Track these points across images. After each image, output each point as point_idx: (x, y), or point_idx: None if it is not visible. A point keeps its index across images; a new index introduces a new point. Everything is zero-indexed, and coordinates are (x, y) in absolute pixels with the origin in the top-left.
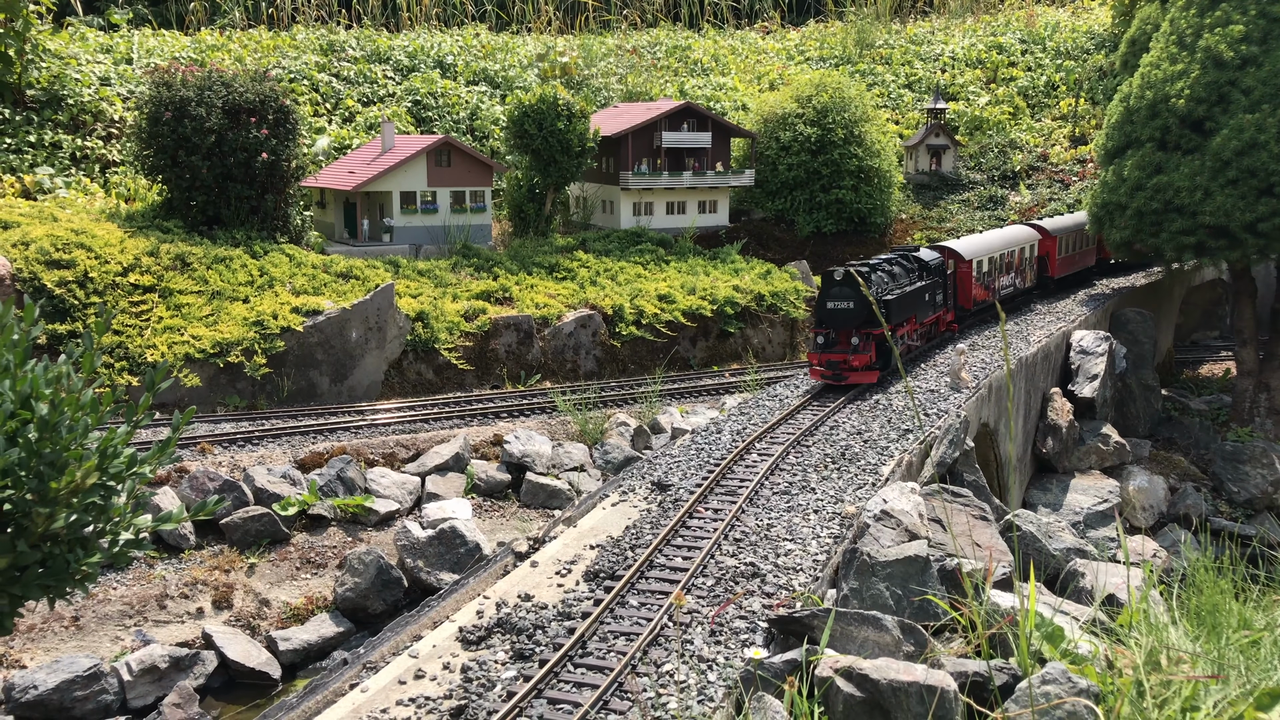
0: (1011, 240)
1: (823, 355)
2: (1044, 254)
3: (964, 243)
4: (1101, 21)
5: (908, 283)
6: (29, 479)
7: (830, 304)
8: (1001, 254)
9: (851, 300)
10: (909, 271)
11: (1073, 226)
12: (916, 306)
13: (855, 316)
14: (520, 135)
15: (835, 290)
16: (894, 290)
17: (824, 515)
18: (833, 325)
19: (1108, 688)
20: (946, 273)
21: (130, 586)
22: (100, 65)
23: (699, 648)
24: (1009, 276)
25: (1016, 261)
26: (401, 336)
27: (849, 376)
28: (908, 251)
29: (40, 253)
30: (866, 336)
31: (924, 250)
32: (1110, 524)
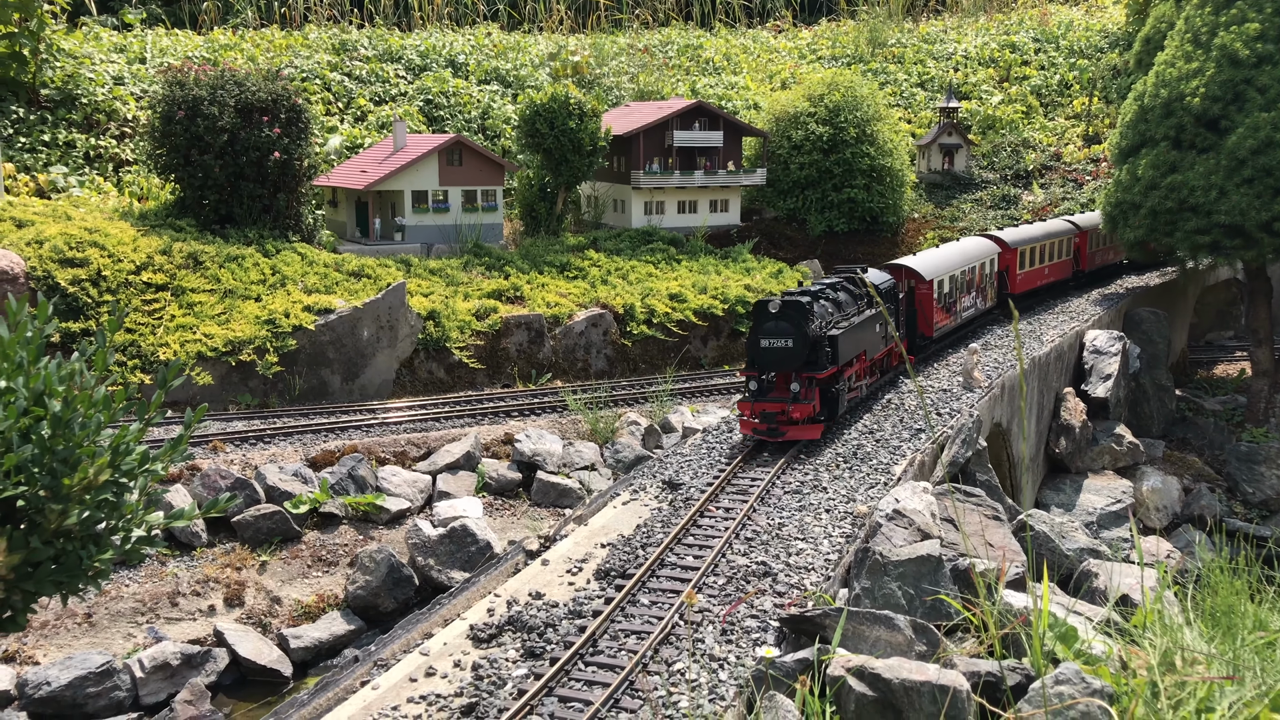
0: (971, 255)
1: (755, 405)
2: (1004, 269)
3: (922, 260)
4: (1115, 20)
5: (855, 312)
6: (42, 475)
7: (765, 341)
8: (963, 271)
9: (791, 337)
10: (857, 298)
11: (1038, 237)
12: (866, 340)
13: (795, 357)
14: (532, 134)
15: (770, 325)
16: (840, 323)
17: (836, 514)
18: (767, 367)
19: (1122, 688)
20: (899, 296)
21: (142, 584)
22: (114, 65)
23: (710, 646)
24: (970, 296)
25: (977, 279)
26: (413, 335)
27: (787, 431)
28: (855, 273)
29: (54, 251)
30: (809, 382)
31: (874, 272)
32: (1123, 525)
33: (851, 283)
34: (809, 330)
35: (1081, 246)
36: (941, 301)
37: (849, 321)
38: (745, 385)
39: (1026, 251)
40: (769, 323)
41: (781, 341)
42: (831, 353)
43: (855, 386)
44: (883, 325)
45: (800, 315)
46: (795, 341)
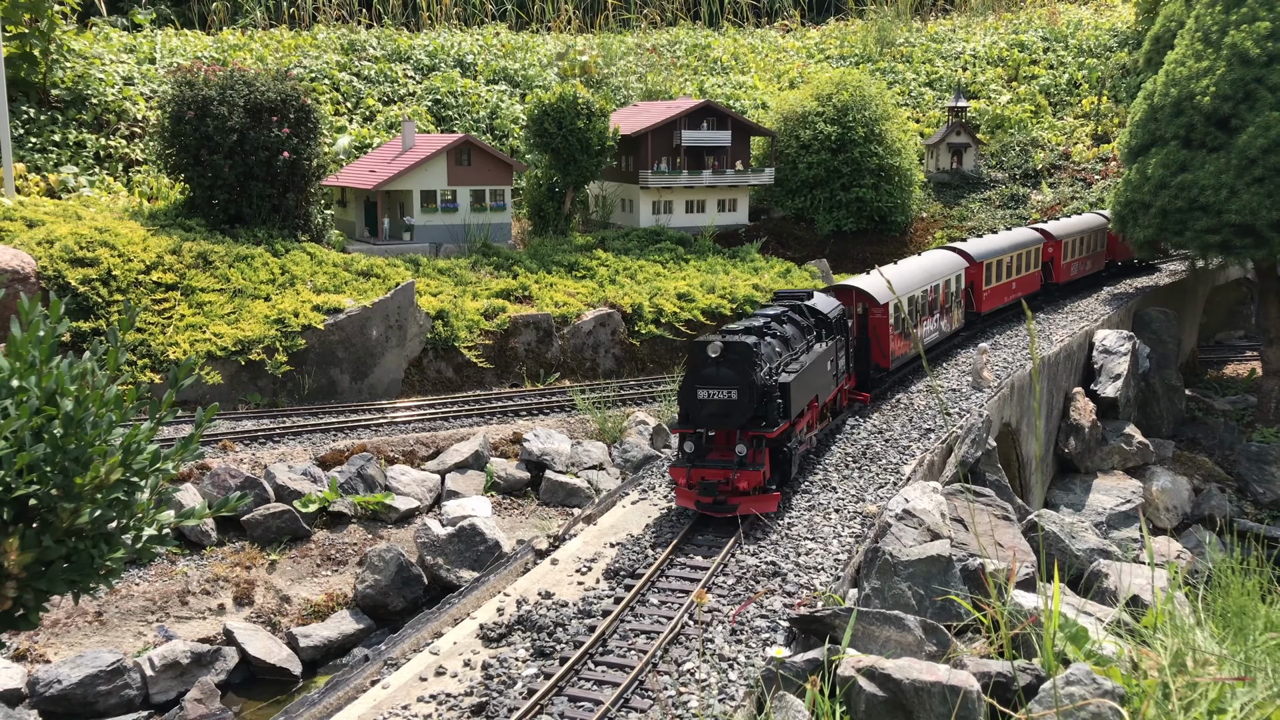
0: (934, 271)
1: (694, 471)
2: (970, 284)
3: (876, 280)
4: (1125, 19)
5: (804, 348)
6: (54, 474)
7: (703, 392)
8: (924, 290)
9: (735, 387)
10: (805, 331)
11: (1006, 248)
12: (818, 383)
13: (740, 411)
14: (540, 134)
15: (710, 372)
16: (790, 364)
17: (845, 514)
18: (706, 424)
19: (1133, 689)
20: (848, 324)
21: (153, 583)
22: (124, 65)
23: (720, 646)
24: (934, 319)
25: (941, 298)
26: (421, 335)
27: (737, 505)
28: (800, 300)
29: (64, 251)
30: (757, 442)
31: (820, 297)
32: (1133, 525)
33: (798, 312)
34: (756, 378)
35: (1055, 257)
36: (899, 327)
37: (800, 363)
38: (679, 447)
39: (994, 265)
40: (708, 369)
41: (724, 393)
42: (783, 404)
43: (805, 439)
44: (834, 362)
45: (746, 360)
46: (740, 393)
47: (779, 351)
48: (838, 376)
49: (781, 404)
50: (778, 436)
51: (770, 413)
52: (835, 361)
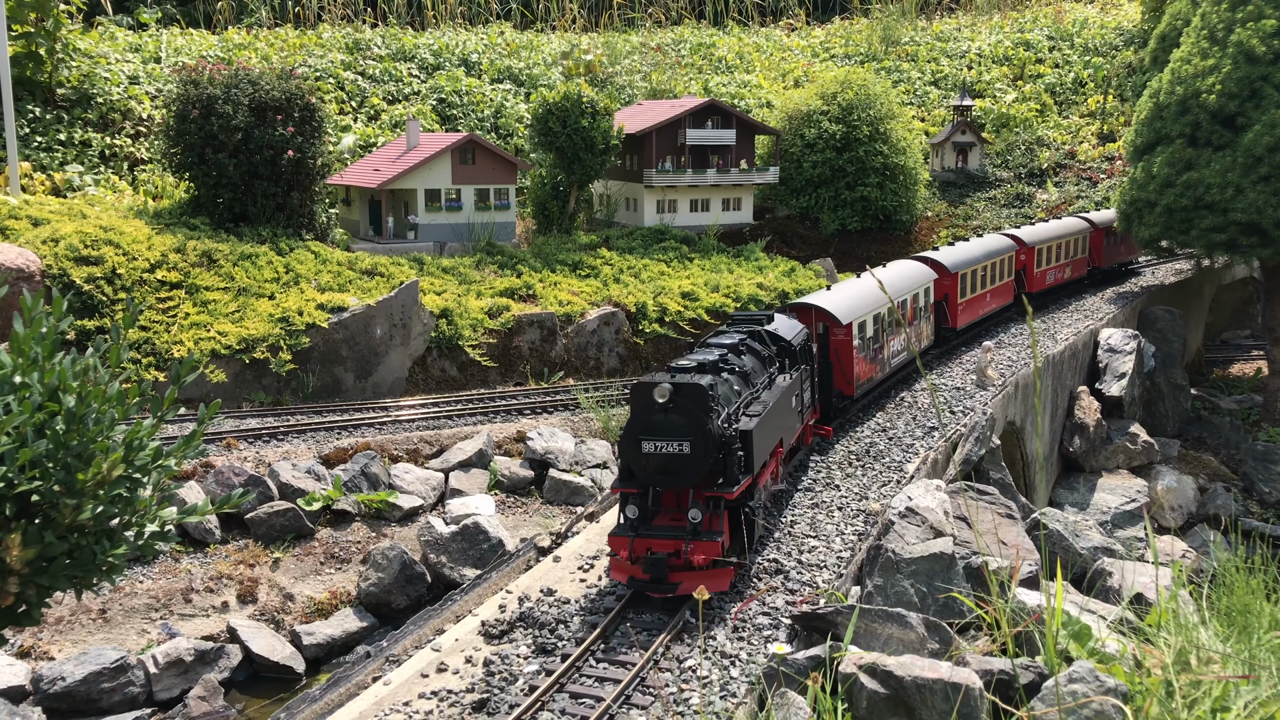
0: (901, 284)
1: (638, 542)
2: (942, 297)
3: (838, 298)
4: (1130, 18)
5: (765, 382)
6: (56, 470)
7: (649, 444)
8: (891, 307)
9: (687, 439)
10: (767, 362)
11: (980, 257)
12: (783, 424)
13: (694, 466)
14: (544, 133)
15: (659, 420)
16: (752, 405)
17: (848, 512)
18: (654, 482)
19: (1136, 687)
20: (813, 350)
21: (156, 580)
22: (129, 64)
23: (721, 643)
24: (901, 338)
25: (910, 314)
26: (425, 333)
27: (683, 582)
28: (759, 325)
29: (69, 249)
30: (715, 504)
31: (781, 320)
32: (1137, 524)
33: (757, 340)
34: (713, 427)
35: (1028, 265)
36: (865, 349)
37: (762, 402)
38: (620, 510)
39: (968, 275)
40: (656, 416)
41: (674, 445)
42: (745, 456)
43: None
44: (800, 396)
45: (700, 405)
46: (694, 445)
47: (738, 390)
48: (803, 412)
49: (743, 456)
50: (739, 497)
51: (730, 468)
52: (800, 395)
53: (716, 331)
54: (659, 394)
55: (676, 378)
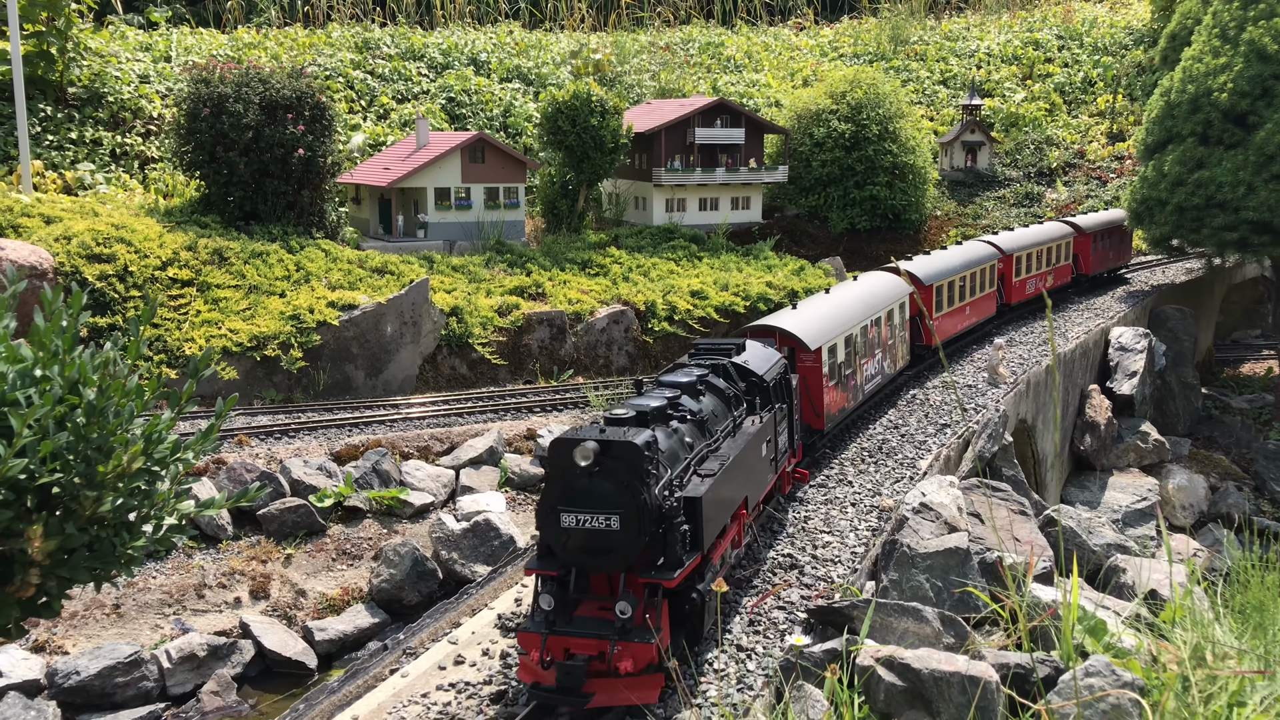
0: (874, 301)
1: (552, 640)
2: (916, 312)
3: (803, 317)
4: (1140, 17)
5: (729, 428)
6: (77, 463)
7: (570, 517)
8: (864, 325)
9: (617, 511)
10: (733, 402)
11: (958, 267)
12: (750, 479)
13: (625, 546)
14: (554, 131)
15: (582, 486)
16: (709, 461)
17: (861, 508)
18: (576, 563)
19: (1152, 682)
20: (792, 384)
21: (170, 576)
22: (140, 63)
23: (737, 637)
24: (875, 360)
25: (883, 334)
26: (436, 331)
27: (596, 692)
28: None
29: (81, 247)
30: (651, 592)
31: (755, 348)
32: (1149, 523)
33: (722, 375)
34: (649, 497)
35: (1007, 274)
36: (835, 376)
37: (721, 458)
38: (533, 599)
39: (944, 287)
40: (578, 481)
41: (600, 519)
42: (692, 531)
43: (726, 566)
44: (773, 441)
45: (634, 468)
46: (626, 519)
47: (690, 443)
48: (777, 460)
49: (689, 531)
50: (682, 582)
51: (672, 546)
52: (774, 441)
53: (674, 365)
54: (580, 455)
55: (606, 432)
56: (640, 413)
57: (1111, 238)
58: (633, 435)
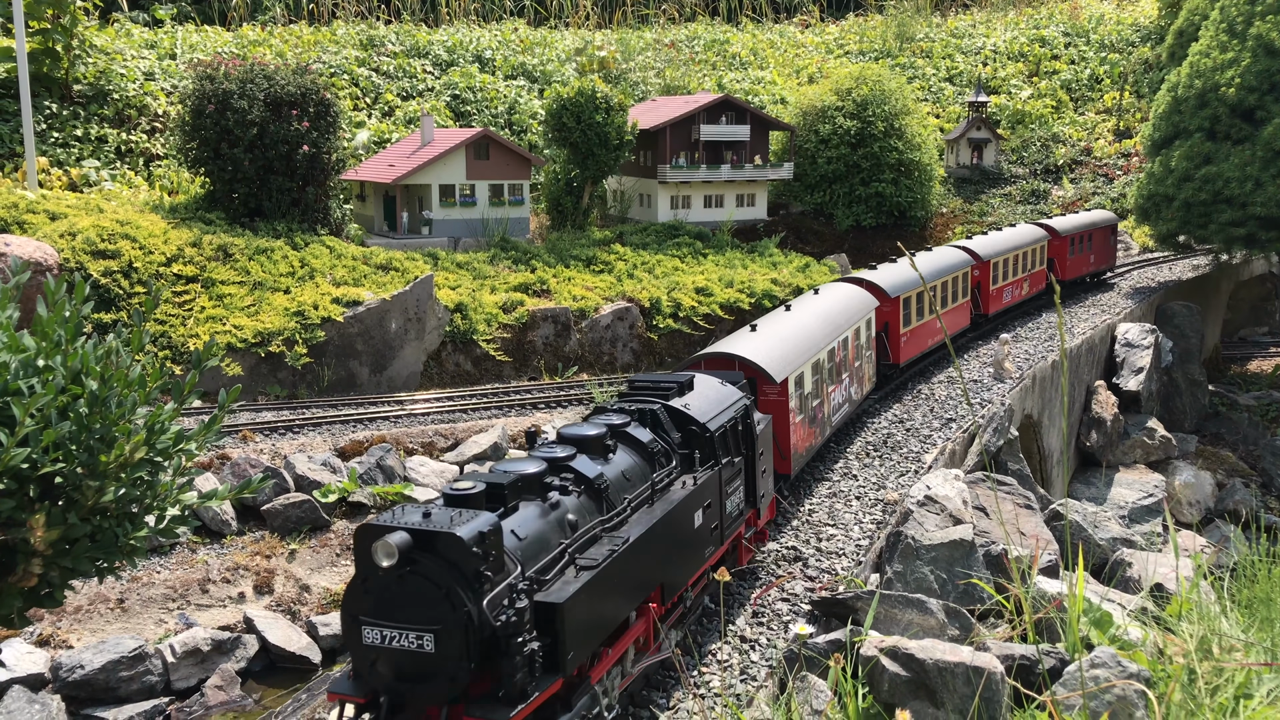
0: (841, 317)
1: None
2: (882, 327)
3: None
4: (1147, 14)
5: (645, 494)
6: (80, 453)
7: (373, 632)
8: (831, 349)
9: (430, 626)
10: (657, 458)
11: (928, 275)
12: (672, 557)
13: (445, 672)
14: (558, 128)
15: (390, 592)
16: (603, 544)
17: (866, 501)
18: (384, 689)
19: (1159, 674)
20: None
21: (173, 571)
22: (145, 60)
23: (741, 628)
24: (842, 386)
25: (850, 355)
26: (440, 327)
27: None
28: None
29: (86, 243)
30: None
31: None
32: (1155, 519)
33: (651, 423)
34: (476, 608)
35: (984, 282)
36: (803, 409)
37: (617, 542)
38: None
39: (912, 299)
40: (385, 585)
41: (410, 638)
42: (550, 648)
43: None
44: (716, 504)
45: (455, 568)
46: (443, 638)
47: (572, 521)
48: (724, 525)
49: (539, 651)
50: (533, 717)
51: (511, 673)
52: (719, 504)
53: (597, 409)
54: (383, 553)
55: (430, 517)
56: (494, 486)
57: (1091, 240)
58: (463, 522)
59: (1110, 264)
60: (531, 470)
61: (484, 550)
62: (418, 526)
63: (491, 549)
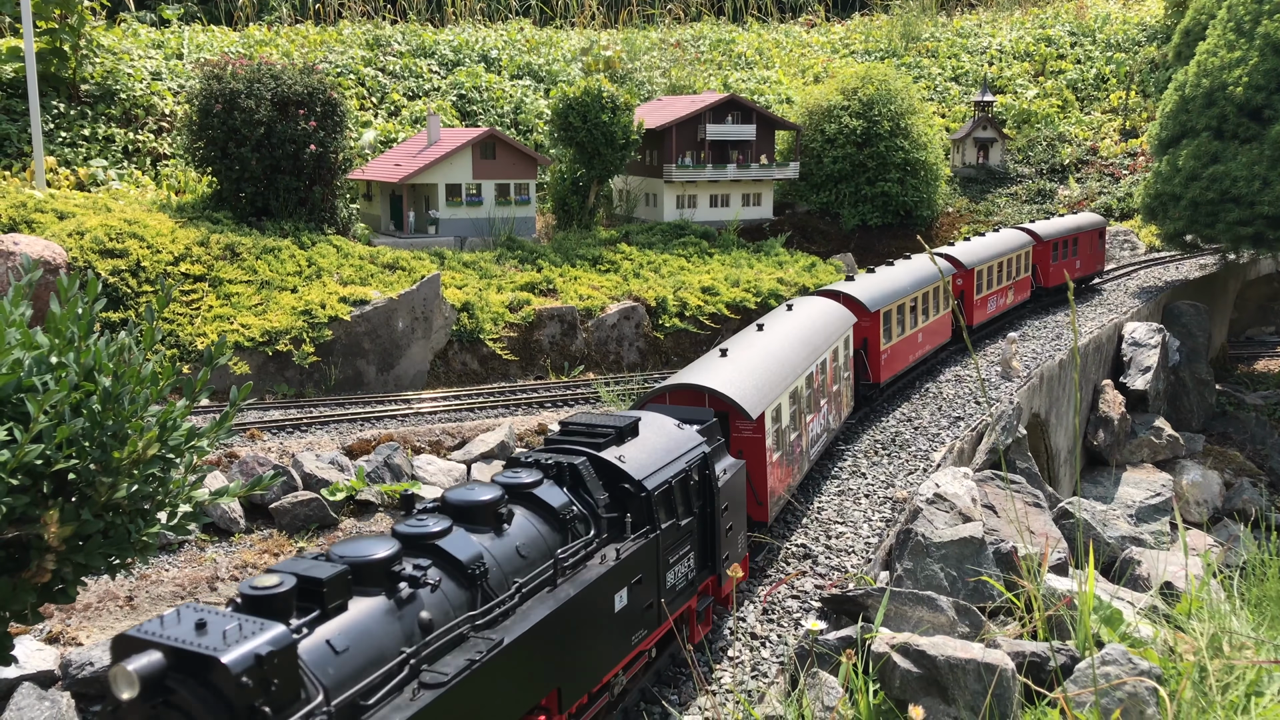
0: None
1: None
2: (860, 344)
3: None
4: (1154, 13)
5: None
6: (92, 449)
7: None
8: (810, 373)
9: None
10: (571, 525)
11: (909, 288)
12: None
13: None
14: (565, 128)
15: None
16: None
17: (875, 500)
18: None
19: (1169, 671)
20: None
21: (182, 569)
22: (152, 60)
23: (751, 625)
24: (821, 415)
25: (829, 379)
26: (447, 327)
27: None
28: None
29: (94, 242)
30: None
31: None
32: (1162, 518)
33: (568, 483)
34: None
35: (967, 292)
36: (781, 445)
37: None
38: None
39: (893, 312)
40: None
41: None
42: None
43: None
44: (646, 583)
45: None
46: None
47: (426, 621)
48: (664, 602)
49: None
50: None
51: None
52: (656, 576)
53: (510, 461)
54: (123, 682)
55: (204, 629)
56: (308, 581)
57: (1076, 245)
58: (236, 641)
59: (1098, 269)
60: (377, 554)
61: (261, 679)
62: (179, 644)
63: (275, 676)
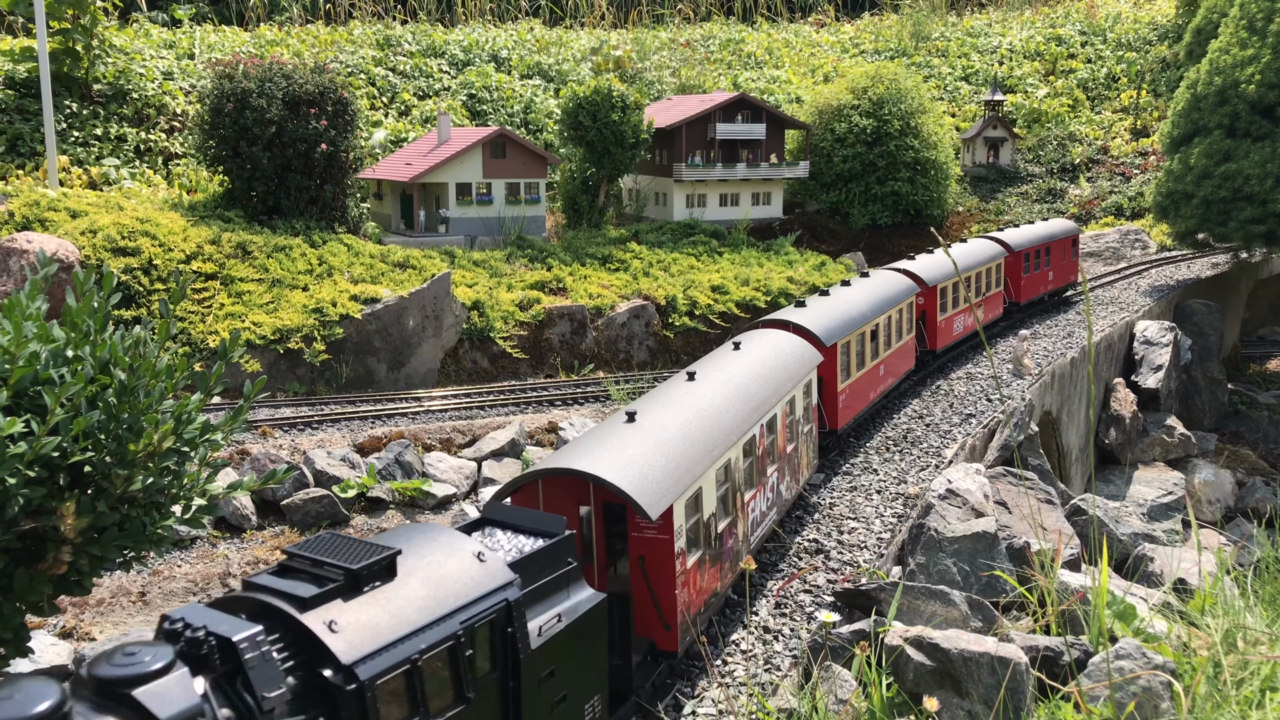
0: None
1: None
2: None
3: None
4: (1164, 12)
5: None
6: (109, 441)
7: None
8: (751, 437)
9: None
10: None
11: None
12: None
13: None
14: (575, 127)
15: None
16: None
17: (887, 495)
18: None
19: (1183, 666)
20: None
21: (194, 564)
22: (163, 60)
23: (764, 619)
24: (768, 487)
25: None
26: (457, 325)
27: None
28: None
29: (107, 240)
30: None
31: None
32: (1174, 517)
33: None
34: None
35: (929, 313)
36: (701, 541)
37: None
38: None
39: (850, 344)
40: None
41: None
42: None
43: None
44: None
45: None
46: None
47: None
48: None
49: None
50: None
51: None
52: None
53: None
54: None
55: None
56: None
57: (1050, 255)
58: None
59: (1072, 281)
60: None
61: None
62: None
63: None
